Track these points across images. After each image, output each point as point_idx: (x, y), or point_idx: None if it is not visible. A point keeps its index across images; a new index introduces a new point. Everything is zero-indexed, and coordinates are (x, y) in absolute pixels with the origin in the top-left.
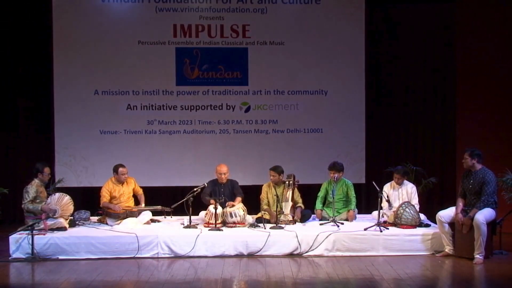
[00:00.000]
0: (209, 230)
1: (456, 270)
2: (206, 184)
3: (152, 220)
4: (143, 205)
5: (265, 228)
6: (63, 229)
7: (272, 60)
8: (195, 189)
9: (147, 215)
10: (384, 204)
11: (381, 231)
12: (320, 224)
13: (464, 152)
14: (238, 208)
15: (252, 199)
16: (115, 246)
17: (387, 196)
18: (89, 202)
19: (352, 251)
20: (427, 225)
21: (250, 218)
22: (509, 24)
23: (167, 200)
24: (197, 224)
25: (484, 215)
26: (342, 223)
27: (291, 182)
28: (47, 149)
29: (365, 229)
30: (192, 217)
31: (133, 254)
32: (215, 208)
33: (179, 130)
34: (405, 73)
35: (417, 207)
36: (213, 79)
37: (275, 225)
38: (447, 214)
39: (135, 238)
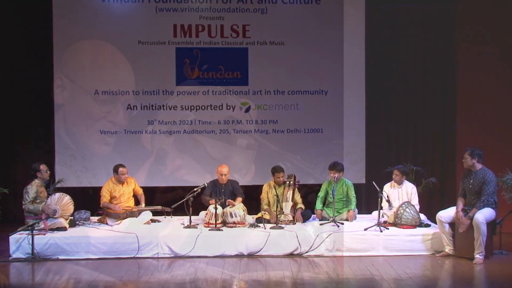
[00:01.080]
0: (209, 230)
1: (456, 270)
2: (206, 185)
3: (152, 220)
4: (143, 205)
5: (265, 228)
6: (63, 229)
7: (272, 60)
8: (195, 189)
9: (147, 215)
10: (384, 204)
11: (381, 231)
12: (320, 224)
13: (464, 152)
14: (238, 208)
15: (252, 199)
16: (115, 246)
17: (387, 196)
18: (89, 202)
19: (352, 251)
20: (427, 225)
21: (250, 218)
22: (509, 24)
23: (167, 200)
24: (197, 224)
25: (484, 214)
26: (342, 223)
27: (291, 182)
28: (47, 149)
29: (365, 229)
30: (192, 217)
31: (133, 254)
32: (215, 208)
33: (179, 130)
34: (405, 73)
35: (417, 207)
36: (213, 79)
37: (275, 225)
38: (447, 214)
39: (135, 238)
